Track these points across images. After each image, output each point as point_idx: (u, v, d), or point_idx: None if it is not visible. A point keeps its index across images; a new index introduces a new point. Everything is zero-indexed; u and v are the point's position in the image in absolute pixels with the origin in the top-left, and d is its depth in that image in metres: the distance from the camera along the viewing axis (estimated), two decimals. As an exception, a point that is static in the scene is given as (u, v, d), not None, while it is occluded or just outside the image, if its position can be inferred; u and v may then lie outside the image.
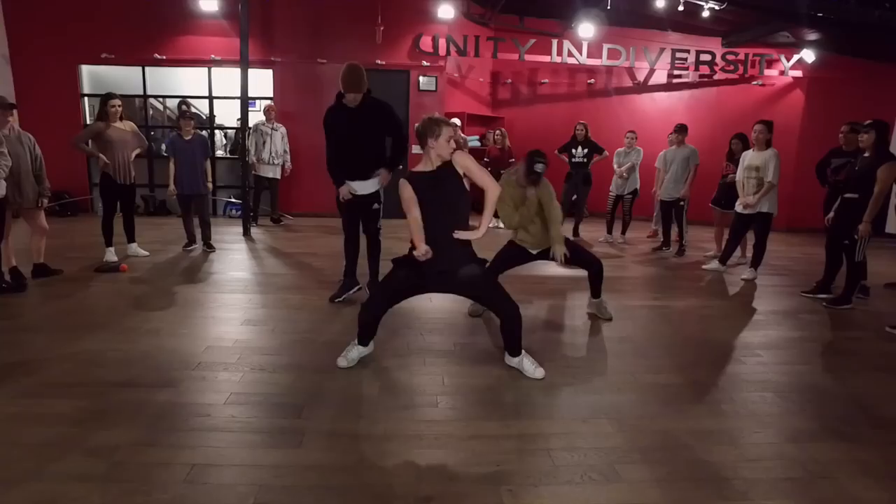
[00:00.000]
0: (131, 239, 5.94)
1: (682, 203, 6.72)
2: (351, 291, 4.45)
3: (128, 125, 5.71)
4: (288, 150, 8.25)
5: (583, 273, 4.23)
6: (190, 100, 9.31)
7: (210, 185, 6.32)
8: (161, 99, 9.92)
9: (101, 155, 5.43)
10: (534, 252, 4.03)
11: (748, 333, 4.09)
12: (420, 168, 3.12)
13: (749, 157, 5.62)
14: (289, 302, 4.42)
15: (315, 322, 3.96)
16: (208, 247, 6.32)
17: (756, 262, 5.71)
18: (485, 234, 3.11)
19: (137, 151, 5.77)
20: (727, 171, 6.43)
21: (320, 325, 3.87)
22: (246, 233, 7.34)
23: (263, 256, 6.23)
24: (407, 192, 3.03)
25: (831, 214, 4.91)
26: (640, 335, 3.92)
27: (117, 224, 5.68)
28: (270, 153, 8.00)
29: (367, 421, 2.58)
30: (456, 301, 4.45)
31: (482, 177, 3.06)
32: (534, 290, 4.97)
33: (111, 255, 5.59)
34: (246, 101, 7.19)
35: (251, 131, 7.66)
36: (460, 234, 3.02)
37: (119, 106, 5.49)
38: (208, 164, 6.30)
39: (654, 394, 2.96)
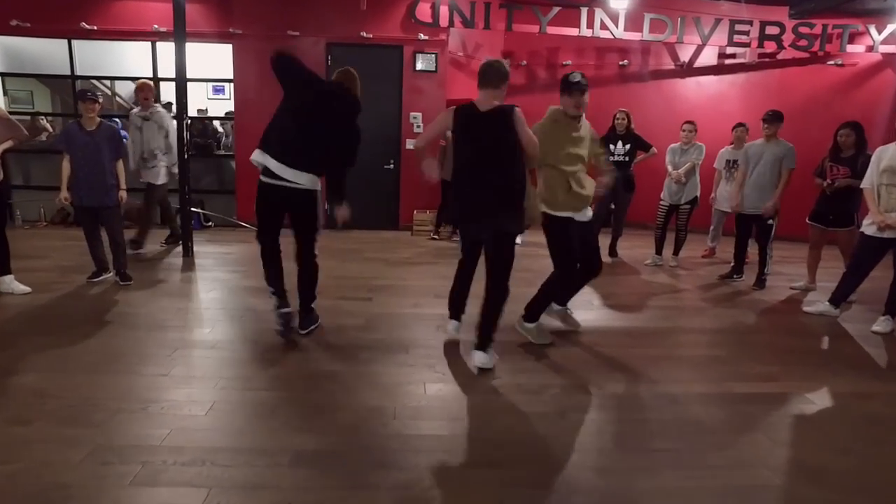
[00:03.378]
0: (5, 270, 4.21)
1: (769, 221, 4.94)
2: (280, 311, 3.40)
3: (-9, 108, 3.99)
4: (173, 145, 5.51)
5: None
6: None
7: (123, 194, 4.57)
8: (108, 82, 8.23)
9: (-58, 151, 3.71)
10: (586, 215, 3.46)
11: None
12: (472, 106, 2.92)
13: (890, 156, 3.90)
14: (195, 400, 2.69)
15: (228, 453, 2.22)
16: (122, 278, 4.58)
17: (894, 307, 4.00)
18: None
19: (8, 144, 4.10)
20: (835, 176, 4.70)
21: (240, 461, 2.14)
22: (186, 253, 5.60)
23: (192, 293, 4.49)
24: (443, 119, 3.02)
25: None
26: (796, 479, 2.20)
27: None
28: (142, 151, 5.51)
29: None
30: (472, 414, 2.75)
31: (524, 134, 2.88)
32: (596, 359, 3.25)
33: (-34, 295, 3.90)
34: (184, 83, 5.43)
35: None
36: None
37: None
38: (121, 165, 4.56)
39: None
